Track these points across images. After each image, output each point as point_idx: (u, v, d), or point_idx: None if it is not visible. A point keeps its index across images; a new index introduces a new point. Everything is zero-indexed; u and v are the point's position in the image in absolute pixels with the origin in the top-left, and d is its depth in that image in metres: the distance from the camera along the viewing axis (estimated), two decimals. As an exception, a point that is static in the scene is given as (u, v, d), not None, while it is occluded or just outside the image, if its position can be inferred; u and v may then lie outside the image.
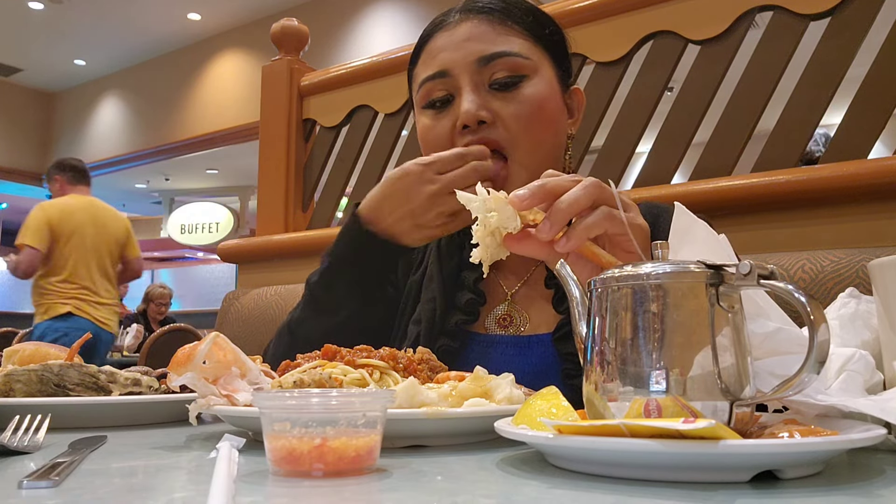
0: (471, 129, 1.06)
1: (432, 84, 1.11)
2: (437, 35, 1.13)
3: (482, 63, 1.07)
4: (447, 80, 1.09)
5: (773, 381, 0.61)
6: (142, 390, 0.98)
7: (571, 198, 0.77)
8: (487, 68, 1.07)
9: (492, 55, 1.07)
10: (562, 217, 0.77)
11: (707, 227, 0.77)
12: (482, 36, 1.08)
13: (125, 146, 11.27)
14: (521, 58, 1.08)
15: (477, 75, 1.07)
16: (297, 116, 2.34)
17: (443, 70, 1.09)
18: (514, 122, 1.06)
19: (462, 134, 1.07)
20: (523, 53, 1.08)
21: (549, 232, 0.77)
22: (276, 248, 2.24)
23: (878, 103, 1.44)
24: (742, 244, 0.94)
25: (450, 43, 1.10)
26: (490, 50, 1.07)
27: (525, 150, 1.06)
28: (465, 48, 1.08)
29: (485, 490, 0.54)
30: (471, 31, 1.09)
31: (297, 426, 0.56)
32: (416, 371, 0.84)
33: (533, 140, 1.07)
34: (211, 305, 8.99)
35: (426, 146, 1.13)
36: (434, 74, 1.10)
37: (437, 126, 1.10)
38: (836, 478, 0.56)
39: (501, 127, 1.06)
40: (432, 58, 1.12)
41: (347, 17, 8.59)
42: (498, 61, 1.07)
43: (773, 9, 1.56)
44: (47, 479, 0.53)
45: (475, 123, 1.06)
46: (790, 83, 1.54)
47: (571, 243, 0.77)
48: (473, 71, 1.07)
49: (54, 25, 9.85)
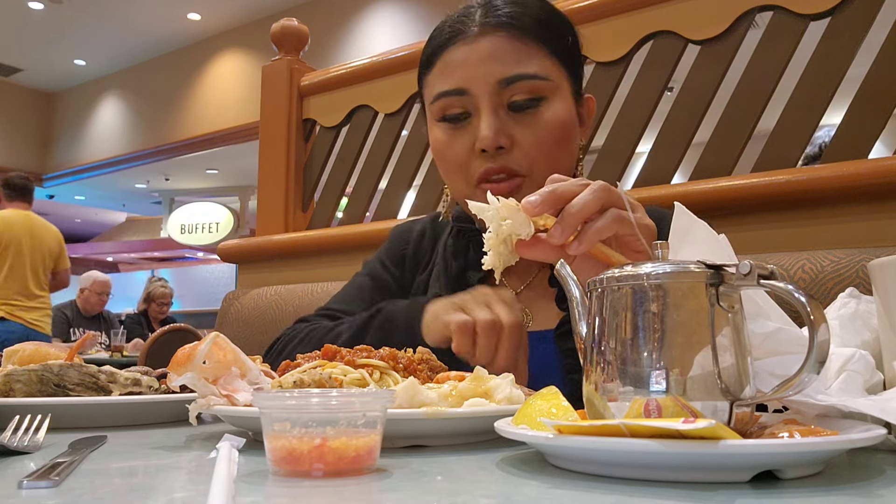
0: (489, 153, 1.06)
1: (449, 100, 1.09)
2: (454, 47, 1.10)
3: (503, 85, 1.06)
4: (465, 98, 1.08)
5: (773, 381, 0.61)
6: (142, 390, 0.98)
7: (581, 202, 0.78)
8: (507, 90, 1.06)
9: (513, 77, 1.05)
10: (573, 221, 0.78)
11: (707, 227, 0.77)
12: (503, 55, 1.06)
13: (125, 146, 11.27)
14: (541, 79, 1.06)
15: (496, 97, 1.06)
16: (297, 116, 2.34)
17: (462, 88, 1.08)
18: (532, 148, 1.06)
19: (480, 156, 1.07)
20: (542, 74, 1.07)
21: (562, 236, 0.78)
22: (276, 248, 2.24)
23: (878, 103, 1.44)
24: (742, 244, 0.94)
25: (470, 59, 1.08)
26: (511, 72, 1.06)
27: (541, 173, 1.06)
28: (486, 66, 1.06)
29: (485, 490, 0.54)
30: (491, 48, 1.07)
31: (297, 426, 0.56)
32: (416, 371, 0.84)
33: (550, 163, 1.07)
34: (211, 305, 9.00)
35: (443, 160, 1.13)
36: (452, 91, 1.09)
37: (455, 144, 1.10)
38: (836, 478, 0.56)
39: (519, 153, 1.06)
40: (450, 71, 1.10)
41: (347, 17, 8.59)
42: (518, 84, 1.06)
43: (773, 9, 1.56)
44: (47, 479, 0.53)
45: (494, 149, 1.05)
46: (790, 83, 1.54)
47: (583, 246, 0.78)
48: (493, 92, 1.06)
49: (54, 25, 9.85)
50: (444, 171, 1.15)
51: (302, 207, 2.34)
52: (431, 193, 2.04)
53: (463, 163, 1.09)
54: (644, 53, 1.74)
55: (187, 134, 10.31)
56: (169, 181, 12.53)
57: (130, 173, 11.83)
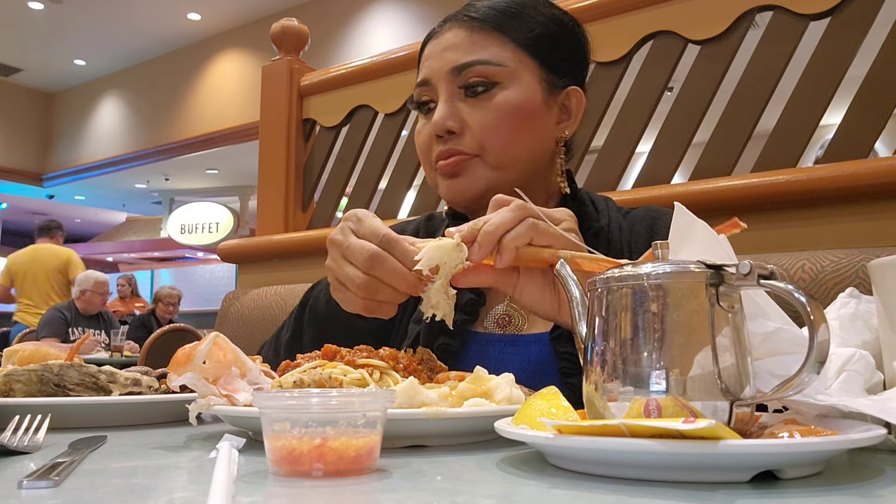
0: (443, 138, 1.11)
1: (419, 91, 1.16)
2: (430, 42, 1.17)
3: (456, 73, 1.10)
4: (429, 88, 1.14)
5: (773, 381, 0.61)
6: (142, 390, 0.98)
7: (497, 219, 0.84)
8: (461, 76, 1.10)
9: (464, 64, 1.10)
10: (489, 238, 0.84)
11: (707, 227, 0.77)
12: (458, 45, 1.12)
13: (125, 146, 11.27)
14: (494, 65, 1.10)
15: (451, 84, 1.11)
16: (297, 116, 2.34)
17: (425, 78, 1.14)
18: (481, 130, 1.09)
19: (437, 142, 1.12)
20: (496, 61, 1.10)
21: (479, 253, 0.84)
22: (276, 248, 2.24)
23: (878, 103, 1.44)
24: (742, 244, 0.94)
25: (434, 51, 1.14)
26: (463, 59, 1.10)
27: (494, 154, 1.09)
28: (443, 57, 1.12)
29: (485, 490, 0.54)
30: (450, 41, 1.13)
31: (297, 426, 0.56)
32: (416, 371, 0.84)
33: (504, 146, 1.09)
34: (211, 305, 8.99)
35: (417, 147, 1.19)
36: (420, 82, 1.16)
37: (423, 131, 1.16)
38: (836, 478, 0.56)
39: (469, 136, 1.10)
40: (422, 64, 1.17)
41: (347, 17, 8.59)
42: (469, 70, 1.10)
43: (773, 9, 1.56)
44: (47, 479, 0.53)
45: (445, 133, 1.10)
46: (790, 83, 1.54)
47: (505, 256, 0.84)
48: (448, 80, 1.11)
49: (54, 25, 9.85)
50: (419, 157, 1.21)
51: (302, 207, 2.34)
52: (431, 193, 2.04)
53: (426, 148, 1.15)
54: (644, 53, 1.74)
55: (187, 134, 10.32)
56: (169, 181, 12.54)
57: (130, 173, 11.83)
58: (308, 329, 1.16)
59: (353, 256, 0.89)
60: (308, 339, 1.15)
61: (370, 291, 0.88)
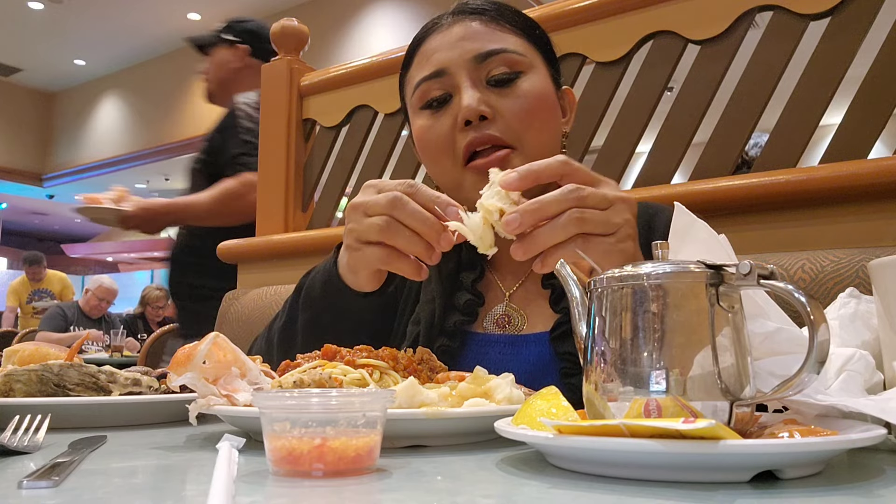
0: (473, 125, 1.06)
1: (429, 84, 1.10)
2: (430, 38, 1.14)
3: (479, 60, 1.07)
4: (444, 79, 1.09)
5: (773, 381, 0.61)
6: (142, 390, 0.98)
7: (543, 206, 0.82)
8: (484, 65, 1.07)
9: (489, 52, 1.08)
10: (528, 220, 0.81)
11: (707, 227, 0.77)
12: (477, 35, 1.09)
13: (125, 146, 11.27)
14: (517, 54, 1.09)
15: (474, 72, 1.08)
16: (297, 116, 2.34)
17: (440, 69, 1.09)
18: (515, 118, 1.06)
19: (464, 130, 1.06)
20: (519, 50, 1.09)
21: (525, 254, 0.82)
22: (276, 248, 2.24)
23: (878, 103, 1.44)
24: (742, 244, 0.94)
25: (445, 43, 1.10)
26: (486, 47, 1.08)
27: (529, 144, 1.07)
28: (461, 47, 1.09)
29: (485, 490, 0.54)
30: (465, 31, 1.10)
31: (297, 426, 0.56)
32: (416, 371, 0.84)
33: (535, 133, 1.07)
34: (211, 305, 8.97)
35: (426, 146, 1.12)
36: (431, 74, 1.10)
37: (437, 125, 1.09)
38: (836, 478, 0.56)
39: (503, 123, 1.06)
40: (427, 59, 1.12)
41: (347, 17, 8.58)
42: (495, 58, 1.07)
43: (773, 9, 1.56)
44: (47, 479, 0.53)
45: (477, 118, 1.05)
46: (790, 83, 1.54)
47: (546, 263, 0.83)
48: (471, 68, 1.08)
49: (54, 25, 9.85)
50: (429, 158, 1.13)
51: (302, 207, 2.34)
52: (431, 193, 2.03)
53: (447, 142, 1.08)
54: (644, 53, 1.74)
55: (187, 134, 10.30)
56: (169, 181, 12.52)
57: (130, 173, 11.82)
58: (302, 314, 1.12)
59: (375, 207, 0.89)
60: (302, 324, 1.12)
61: (390, 233, 0.88)
